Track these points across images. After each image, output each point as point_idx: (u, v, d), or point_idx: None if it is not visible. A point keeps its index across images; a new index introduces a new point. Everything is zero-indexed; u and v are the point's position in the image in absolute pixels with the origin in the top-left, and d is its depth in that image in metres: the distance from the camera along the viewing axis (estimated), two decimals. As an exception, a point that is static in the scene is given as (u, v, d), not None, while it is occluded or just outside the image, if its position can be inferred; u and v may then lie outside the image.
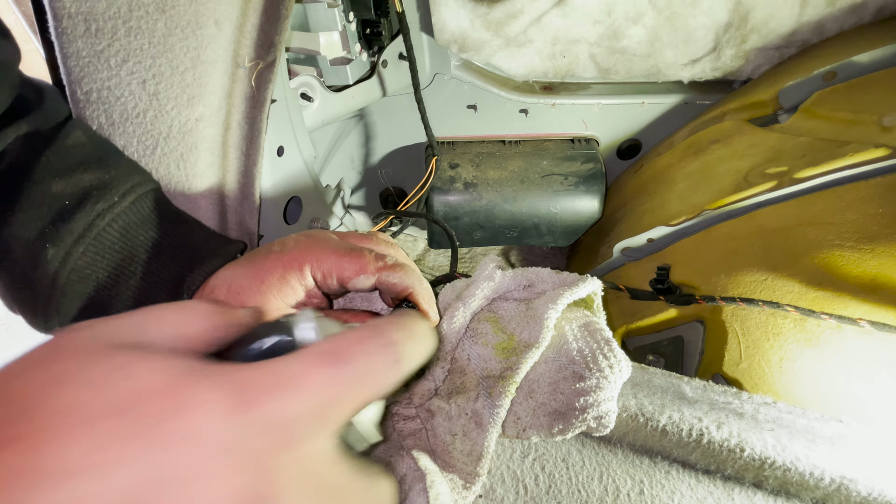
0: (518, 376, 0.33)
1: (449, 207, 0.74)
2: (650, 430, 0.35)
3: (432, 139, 0.69)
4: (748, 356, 0.46)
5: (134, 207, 0.32)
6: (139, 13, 0.34)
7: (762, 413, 0.35)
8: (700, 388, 0.37)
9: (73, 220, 0.30)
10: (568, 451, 0.37)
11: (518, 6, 0.62)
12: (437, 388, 0.36)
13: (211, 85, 0.38)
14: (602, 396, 0.31)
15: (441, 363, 0.35)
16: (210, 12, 0.36)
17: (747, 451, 0.33)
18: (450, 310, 0.35)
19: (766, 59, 0.65)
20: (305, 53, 0.60)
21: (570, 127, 0.78)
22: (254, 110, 0.41)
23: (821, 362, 0.43)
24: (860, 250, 0.41)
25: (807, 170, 0.48)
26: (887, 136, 0.45)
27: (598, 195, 0.74)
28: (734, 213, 0.53)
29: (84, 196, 0.31)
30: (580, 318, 0.36)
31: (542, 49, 0.70)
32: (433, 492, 0.29)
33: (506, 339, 0.35)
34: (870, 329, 0.39)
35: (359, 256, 0.31)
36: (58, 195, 0.30)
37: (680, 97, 0.72)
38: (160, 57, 0.36)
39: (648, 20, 0.64)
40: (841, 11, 0.59)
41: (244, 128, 0.41)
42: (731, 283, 0.48)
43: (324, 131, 0.76)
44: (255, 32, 0.39)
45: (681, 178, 0.63)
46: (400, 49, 0.67)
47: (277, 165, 0.49)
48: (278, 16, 0.39)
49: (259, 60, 0.40)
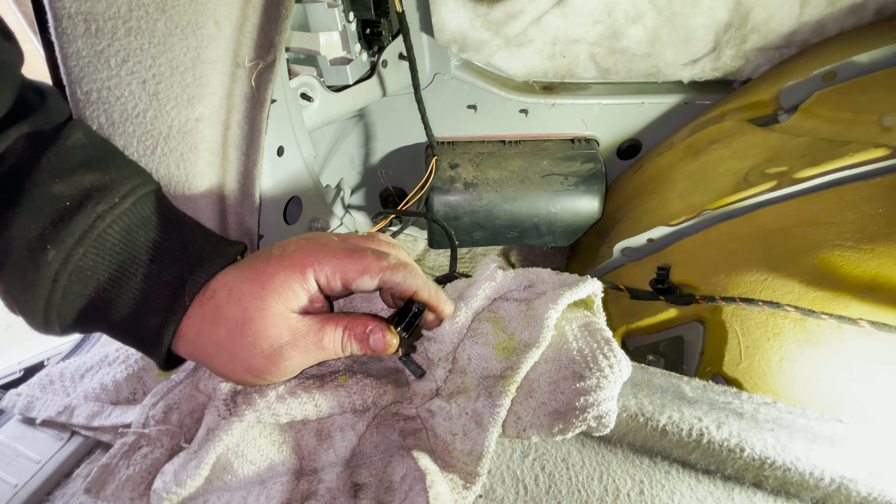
0: (518, 376, 0.33)
1: (449, 207, 0.74)
2: (650, 430, 0.35)
3: (432, 139, 0.69)
4: (748, 356, 0.46)
5: (135, 209, 0.32)
6: (139, 13, 0.34)
7: (762, 413, 0.35)
8: (700, 388, 0.37)
9: (74, 221, 0.30)
10: (568, 451, 0.37)
11: (518, 6, 0.62)
12: (438, 389, 0.36)
13: (211, 85, 0.38)
14: (602, 396, 0.31)
15: (443, 363, 0.35)
16: (210, 12, 0.36)
17: (747, 451, 0.33)
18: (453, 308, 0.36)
19: (766, 59, 0.65)
20: (305, 53, 0.60)
21: (570, 127, 0.78)
22: (254, 110, 0.41)
23: (821, 362, 0.43)
24: (860, 250, 0.41)
25: (807, 170, 0.48)
26: (887, 136, 0.45)
27: (598, 195, 0.74)
28: (734, 214, 0.53)
29: (85, 197, 0.30)
30: (580, 318, 0.36)
31: (542, 49, 0.70)
32: (433, 492, 0.29)
33: (506, 339, 0.35)
34: (870, 329, 0.39)
35: (361, 257, 0.31)
36: (58, 196, 0.30)
37: (680, 97, 0.72)
38: (160, 57, 0.36)
39: (648, 20, 0.64)
40: (841, 11, 0.59)
41: (244, 128, 0.41)
42: (731, 283, 0.48)
43: (324, 131, 0.76)
44: (255, 32, 0.39)
45: (681, 178, 0.63)
46: (400, 49, 0.67)
47: (277, 165, 0.49)
48: (278, 16, 0.39)
49: (259, 60, 0.40)
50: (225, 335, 0.30)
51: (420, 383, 0.36)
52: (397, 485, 0.32)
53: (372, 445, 0.35)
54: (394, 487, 0.32)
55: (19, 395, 0.41)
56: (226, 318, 0.30)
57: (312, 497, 0.32)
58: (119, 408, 0.38)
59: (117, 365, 0.41)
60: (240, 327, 0.30)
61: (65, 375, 0.42)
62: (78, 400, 0.39)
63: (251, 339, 0.30)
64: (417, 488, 0.30)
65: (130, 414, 0.37)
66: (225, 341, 0.30)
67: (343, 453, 0.34)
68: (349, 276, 0.31)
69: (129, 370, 0.40)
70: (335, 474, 0.33)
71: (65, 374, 0.42)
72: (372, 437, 0.36)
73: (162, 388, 0.37)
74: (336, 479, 0.33)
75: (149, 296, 0.31)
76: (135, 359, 0.41)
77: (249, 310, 0.30)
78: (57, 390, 0.41)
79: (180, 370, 0.38)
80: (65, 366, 0.42)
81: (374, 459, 0.34)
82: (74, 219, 0.30)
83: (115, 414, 0.38)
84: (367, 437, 0.36)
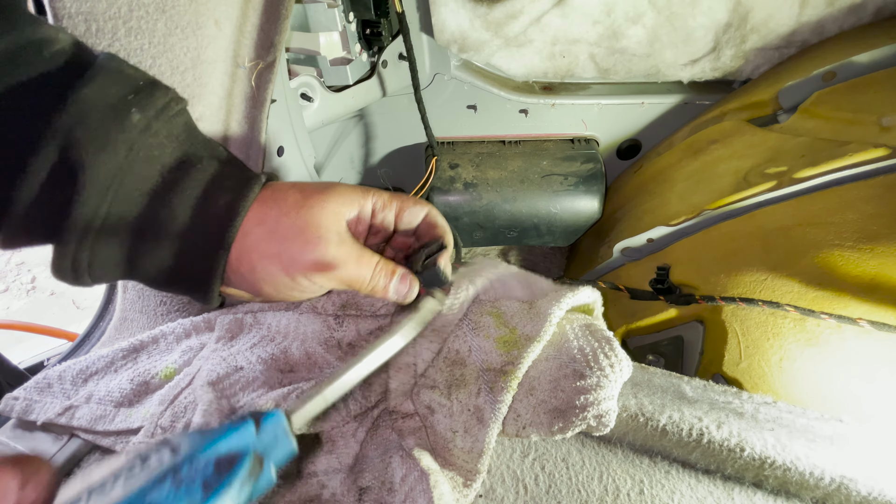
0: (520, 371, 0.33)
1: (449, 207, 0.74)
2: (650, 430, 0.35)
3: (432, 139, 0.69)
4: (748, 356, 0.46)
5: (188, 111, 0.33)
6: (139, 13, 0.34)
7: (762, 413, 0.35)
8: (700, 388, 0.37)
9: (154, 95, 0.30)
10: (568, 450, 0.37)
11: (518, 6, 0.62)
12: (415, 364, 0.36)
13: (211, 85, 0.38)
14: (602, 395, 0.31)
15: (435, 337, 0.36)
16: (210, 12, 0.37)
17: (747, 451, 0.33)
18: (455, 285, 0.36)
19: (765, 59, 0.65)
20: (305, 54, 0.60)
21: (569, 127, 0.78)
22: (254, 110, 0.41)
23: (821, 362, 0.43)
24: (860, 250, 0.42)
25: (806, 170, 0.48)
26: (887, 136, 0.45)
27: (597, 195, 0.74)
28: (734, 213, 0.53)
29: (154, 82, 0.31)
30: (581, 319, 0.37)
31: (542, 49, 0.70)
32: (437, 492, 0.29)
33: (507, 333, 0.35)
34: (870, 329, 0.39)
35: (411, 197, 0.37)
36: (132, 75, 0.30)
37: (680, 97, 0.72)
38: (160, 57, 0.36)
39: (648, 20, 0.64)
40: (840, 11, 0.59)
41: (244, 128, 0.41)
42: (731, 283, 0.48)
43: (324, 131, 0.76)
44: (255, 33, 0.39)
45: (680, 178, 0.63)
46: (400, 49, 0.67)
47: (277, 165, 0.49)
48: (278, 16, 0.39)
49: (259, 60, 0.40)
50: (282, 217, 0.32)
51: (399, 356, 0.35)
52: (398, 486, 0.32)
53: (372, 448, 0.35)
54: (395, 488, 0.32)
55: (16, 399, 0.40)
56: (285, 202, 0.32)
57: (316, 500, 0.32)
58: (122, 411, 0.38)
59: (123, 371, 0.41)
60: (297, 208, 0.32)
61: (64, 378, 0.41)
62: (79, 402, 0.39)
63: (304, 222, 0.32)
64: (419, 489, 0.30)
65: (135, 418, 0.37)
66: (279, 227, 0.32)
67: (347, 461, 0.34)
68: (405, 205, 0.36)
69: (135, 374, 0.40)
70: (339, 480, 0.33)
71: (64, 377, 0.41)
72: (372, 440, 0.36)
73: (168, 395, 0.37)
74: (340, 485, 0.33)
75: (216, 179, 0.32)
76: (144, 366, 0.41)
77: (311, 199, 0.32)
78: (56, 393, 0.41)
79: (183, 373, 0.38)
80: (63, 368, 0.42)
81: (375, 461, 0.34)
82: (154, 93, 0.30)
83: (118, 419, 0.38)
84: (368, 441, 0.36)
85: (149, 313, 0.48)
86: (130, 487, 0.19)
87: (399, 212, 0.36)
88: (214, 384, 0.36)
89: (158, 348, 0.42)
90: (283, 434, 0.24)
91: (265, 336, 0.39)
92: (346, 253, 0.32)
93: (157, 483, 0.19)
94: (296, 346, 0.38)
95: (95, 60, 0.30)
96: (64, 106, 0.27)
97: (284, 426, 0.24)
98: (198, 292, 0.33)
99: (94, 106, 0.28)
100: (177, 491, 0.19)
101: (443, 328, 0.36)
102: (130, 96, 0.29)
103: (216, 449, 0.21)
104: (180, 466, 0.20)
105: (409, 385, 0.36)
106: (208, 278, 0.32)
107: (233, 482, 0.20)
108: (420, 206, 0.37)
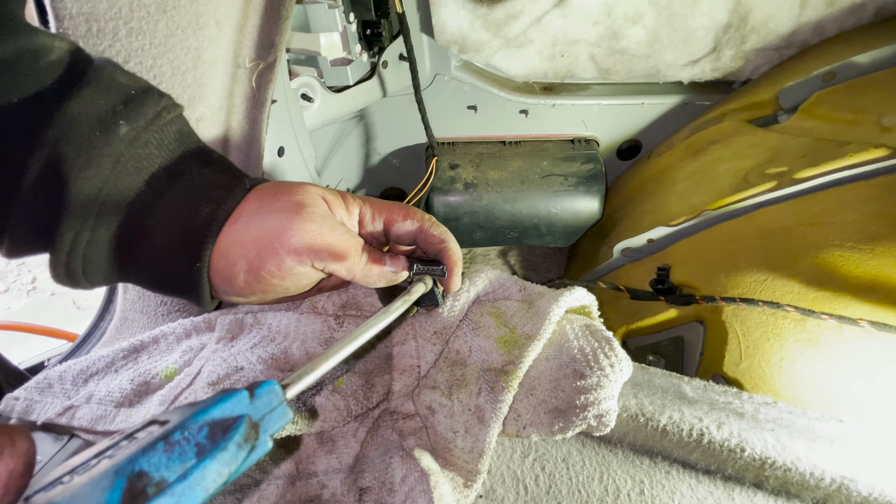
0: (520, 370, 0.33)
1: (449, 208, 0.74)
2: (650, 430, 0.35)
3: (432, 140, 0.70)
4: (748, 356, 0.46)
5: (183, 117, 0.33)
6: (140, 14, 0.34)
7: (762, 413, 0.35)
8: (700, 388, 0.37)
9: (145, 105, 0.30)
10: (568, 451, 0.37)
11: (518, 7, 0.62)
12: (419, 366, 0.36)
13: (212, 85, 0.38)
14: (603, 395, 0.31)
15: (437, 339, 0.36)
16: (211, 13, 0.37)
17: (748, 451, 0.33)
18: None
19: (765, 59, 0.65)
20: (306, 54, 0.60)
21: (570, 127, 0.78)
22: (254, 111, 0.41)
23: (821, 362, 0.43)
24: (860, 250, 0.42)
25: (807, 170, 0.48)
26: (887, 136, 0.45)
27: (597, 195, 0.74)
28: (734, 214, 0.53)
29: (147, 90, 0.31)
30: (581, 320, 0.37)
31: (542, 50, 0.70)
32: (437, 492, 0.29)
33: (507, 333, 0.35)
34: (870, 329, 0.39)
35: (406, 207, 0.35)
36: (124, 85, 0.30)
37: (680, 98, 0.72)
38: (161, 57, 0.36)
39: (648, 21, 0.64)
40: (840, 12, 0.59)
41: (245, 128, 0.41)
42: (731, 284, 0.48)
43: (324, 131, 0.76)
44: (255, 33, 0.39)
45: (681, 179, 0.63)
46: (400, 50, 0.67)
47: (278, 166, 0.49)
48: (279, 16, 0.39)
49: (260, 61, 0.40)
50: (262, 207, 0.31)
51: (403, 359, 0.36)
52: (398, 486, 0.32)
53: (373, 448, 0.35)
54: (395, 489, 0.32)
55: (17, 399, 0.40)
56: (265, 194, 0.32)
57: (316, 500, 0.32)
58: (122, 412, 0.38)
59: (124, 371, 0.41)
60: (276, 195, 0.32)
61: (65, 378, 0.41)
62: (80, 402, 0.39)
63: (284, 203, 0.31)
64: (419, 489, 0.30)
65: (135, 418, 0.37)
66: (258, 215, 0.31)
67: (347, 461, 0.34)
68: (393, 217, 0.34)
69: (136, 374, 0.40)
70: (339, 480, 0.33)
71: (65, 377, 0.41)
72: (372, 440, 0.36)
73: (168, 395, 0.37)
74: (340, 485, 0.33)
75: (203, 188, 0.31)
76: (144, 366, 0.41)
77: (293, 187, 0.32)
78: (56, 393, 0.41)
79: (183, 374, 0.38)
80: (64, 368, 0.42)
81: (375, 462, 0.34)
82: (145, 102, 0.30)
83: (119, 419, 0.38)
84: (368, 441, 0.36)
85: (149, 313, 0.48)
86: (119, 458, 0.18)
87: (388, 225, 0.35)
88: (215, 384, 0.36)
89: (159, 348, 0.42)
90: (277, 402, 0.23)
91: (266, 336, 0.39)
92: (329, 226, 0.31)
93: (148, 449, 0.18)
94: (296, 347, 0.38)
95: (89, 69, 0.30)
96: (50, 121, 0.27)
97: (279, 394, 0.23)
98: (190, 298, 0.33)
99: (80, 120, 0.28)
100: (169, 456, 0.18)
101: (445, 330, 0.36)
102: (119, 107, 0.29)
103: (210, 415, 0.20)
104: (171, 432, 0.19)
105: (412, 387, 0.36)
106: (195, 286, 0.32)
107: (228, 445, 0.19)
108: (410, 219, 0.34)
